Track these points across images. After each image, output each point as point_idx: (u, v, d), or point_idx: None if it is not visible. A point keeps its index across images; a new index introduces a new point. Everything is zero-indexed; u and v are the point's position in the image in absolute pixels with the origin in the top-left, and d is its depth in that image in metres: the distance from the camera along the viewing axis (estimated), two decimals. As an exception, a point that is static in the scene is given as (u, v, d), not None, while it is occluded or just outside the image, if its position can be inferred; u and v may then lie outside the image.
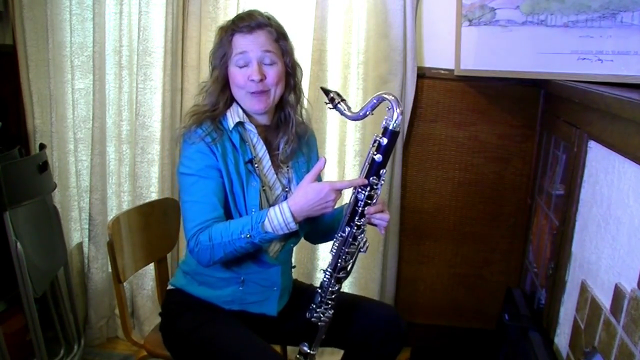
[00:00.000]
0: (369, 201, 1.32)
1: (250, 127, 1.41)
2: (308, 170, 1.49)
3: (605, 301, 1.27)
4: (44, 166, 1.88)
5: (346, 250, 1.35)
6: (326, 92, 1.35)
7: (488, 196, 2.23)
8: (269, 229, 1.28)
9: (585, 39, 1.77)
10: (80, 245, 2.33)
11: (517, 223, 2.23)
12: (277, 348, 1.48)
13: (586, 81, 1.74)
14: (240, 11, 2.05)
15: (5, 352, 1.78)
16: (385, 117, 1.28)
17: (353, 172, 2.14)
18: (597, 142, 1.47)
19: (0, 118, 2.18)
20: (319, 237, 1.61)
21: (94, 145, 2.14)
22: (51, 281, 2.02)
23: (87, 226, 2.25)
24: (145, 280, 2.27)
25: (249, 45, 1.34)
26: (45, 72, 2.15)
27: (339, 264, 1.37)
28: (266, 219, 1.28)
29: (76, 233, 2.31)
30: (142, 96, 2.10)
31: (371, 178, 1.30)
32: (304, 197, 1.28)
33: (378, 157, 1.29)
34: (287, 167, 1.47)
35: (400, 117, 1.27)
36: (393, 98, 1.27)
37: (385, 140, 1.28)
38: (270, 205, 1.38)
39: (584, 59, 1.78)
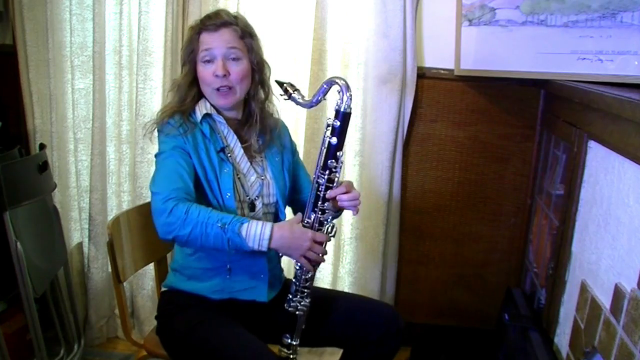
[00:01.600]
0: (330, 184, 1.36)
1: (218, 118, 1.44)
2: (282, 159, 1.53)
3: (605, 301, 1.27)
4: (44, 166, 1.88)
5: None
6: (280, 84, 1.41)
7: (488, 196, 2.23)
8: (243, 234, 1.28)
9: (585, 39, 1.77)
10: (80, 245, 2.33)
11: (517, 223, 2.23)
12: (276, 349, 1.48)
13: (586, 81, 1.74)
14: (240, 11, 2.05)
15: (5, 352, 1.78)
16: (337, 100, 1.33)
17: (354, 171, 2.15)
18: (597, 142, 1.47)
19: (0, 118, 2.18)
20: None
21: (94, 145, 2.14)
22: (51, 281, 2.02)
23: (87, 226, 2.25)
24: (145, 280, 2.27)
25: (214, 42, 1.38)
26: (45, 72, 2.15)
27: None
28: (246, 223, 1.29)
29: (76, 233, 2.31)
30: (142, 96, 2.10)
31: (329, 161, 1.34)
32: (290, 230, 1.33)
33: (333, 140, 1.33)
34: (261, 157, 1.50)
35: (350, 100, 1.32)
36: (343, 82, 1.32)
37: (338, 123, 1.33)
38: (246, 194, 1.43)
39: (584, 59, 1.78)
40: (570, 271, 1.59)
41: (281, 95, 1.42)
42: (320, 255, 1.36)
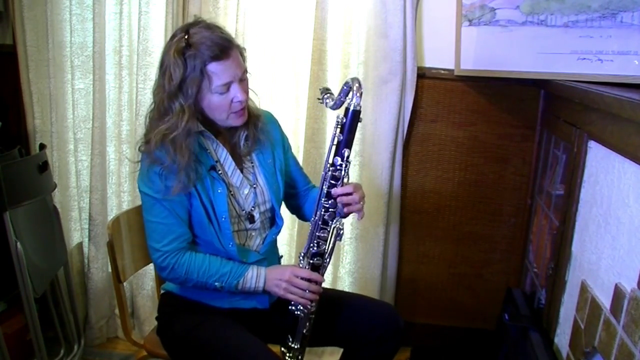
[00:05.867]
0: (333, 182, 1.35)
1: (208, 134, 1.39)
2: (274, 159, 1.50)
3: (605, 301, 1.27)
4: (44, 166, 1.88)
5: (317, 234, 1.38)
6: (320, 90, 1.43)
7: (488, 196, 2.23)
8: (239, 288, 1.38)
9: (585, 39, 1.77)
10: (80, 245, 2.33)
11: (517, 223, 2.23)
12: (277, 349, 1.48)
13: (586, 81, 1.74)
14: (240, 12, 2.04)
15: (5, 352, 1.78)
16: (348, 98, 1.33)
17: (354, 171, 2.14)
18: (597, 142, 1.47)
19: (0, 118, 2.18)
20: (304, 217, 1.65)
21: (94, 145, 2.14)
22: (51, 281, 2.02)
23: (87, 226, 2.25)
24: (145, 280, 2.27)
25: (230, 72, 1.29)
26: (45, 72, 2.15)
27: (311, 249, 1.39)
28: (242, 281, 1.37)
29: (76, 233, 2.32)
30: (142, 96, 2.10)
31: (334, 158, 1.34)
32: (281, 280, 1.38)
33: (341, 137, 1.34)
34: (251, 162, 1.47)
35: (359, 99, 1.31)
36: (357, 83, 1.31)
37: (345, 120, 1.33)
38: (241, 208, 1.42)
39: (584, 59, 1.78)
40: (570, 271, 1.59)
41: (318, 99, 1.42)
42: (306, 292, 1.37)
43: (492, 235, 2.26)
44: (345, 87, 1.34)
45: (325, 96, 1.39)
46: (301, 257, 1.41)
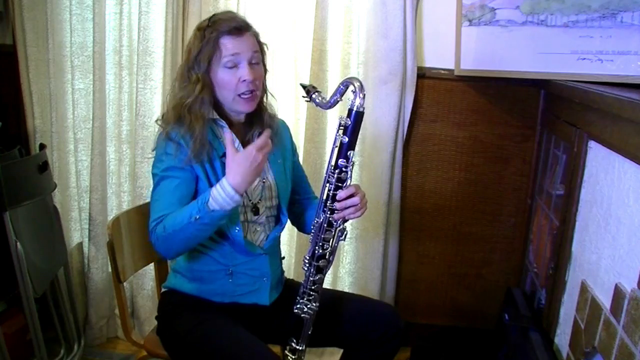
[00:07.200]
0: (340, 184, 1.35)
1: (222, 123, 1.42)
2: (284, 161, 1.53)
3: (605, 301, 1.27)
4: (44, 166, 1.88)
5: (322, 236, 1.37)
6: (304, 86, 1.41)
7: (488, 196, 2.23)
8: (216, 207, 1.26)
9: (585, 39, 1.77)
10: (80, 245, 2.33)
11: (517, 223, 2.23)
12: (277, 349, 1.48)
13: (586, 81, 1.74)
14: (240, 12, 2.04)
15: (5, 352, 1.78)
16: (350, 99, 1.32)
17: (354, 171, 2.12)
18: (597, 142, 1.47)
19: (0, 118, 2.18)
20: (302, 225, 1.64)
21: (94, 145, 2.14)
22: (51, 281, 2.02)
23: (87, 226, 2.25)
24: (145, 280, 2.27)
25: (240, 46, 1.35)
26: (45, 72, 2.15)
27: (316, 252, 1.38)
28: (210, 198, 1.27)
29: (76, 233, 2.31)
30: (142, 96, 2.10)
31: (340, 161, 1.33)
32: (237, 166, 1.26)
33: (345, 139, 1.33)
34: None
35: (362, 100, 1.31)
36: (358, 83, 1.31)
37: (349, 122, 1.32)
38: (249, 198, 1.42)
39: (584, 59, 1.78)
40: (570, 271, 1.59)
41: (303, 97, 1.41)
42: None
43: (492, 235, 2.26)
44: (341, 87, 1.33)
45: (314, 95, 1.38)
46: (306, 260, 1.40)
